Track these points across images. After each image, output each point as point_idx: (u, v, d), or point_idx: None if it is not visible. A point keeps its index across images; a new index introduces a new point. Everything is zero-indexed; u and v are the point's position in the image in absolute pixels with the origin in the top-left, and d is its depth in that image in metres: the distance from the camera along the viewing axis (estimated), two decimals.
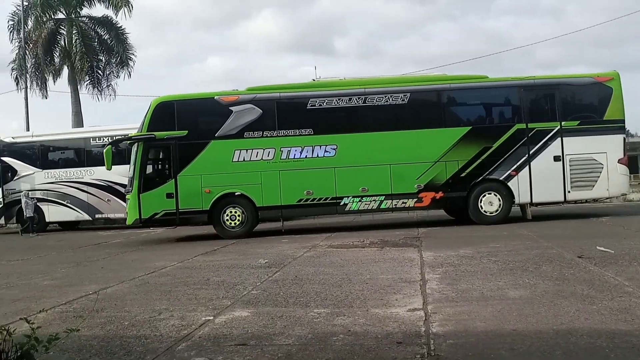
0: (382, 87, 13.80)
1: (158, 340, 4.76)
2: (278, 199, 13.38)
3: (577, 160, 13.32)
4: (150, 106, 13.63)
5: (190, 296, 6.54)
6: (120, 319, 5.54)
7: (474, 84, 14.09)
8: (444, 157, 13.30)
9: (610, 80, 13.51)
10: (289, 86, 14.38)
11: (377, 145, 13.44)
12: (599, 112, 13.58)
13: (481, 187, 13.41)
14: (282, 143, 13.39)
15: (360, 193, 13.30)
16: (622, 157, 13.36)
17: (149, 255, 11.26)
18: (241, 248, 11.38)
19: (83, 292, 7.14)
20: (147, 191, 13.37)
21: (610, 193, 13.71)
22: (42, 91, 31.01)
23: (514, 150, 13.35)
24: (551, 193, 13.46)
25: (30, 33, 30.47)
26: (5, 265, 10.94)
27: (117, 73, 31.68)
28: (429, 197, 13.34)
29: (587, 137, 13.33)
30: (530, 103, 13.84)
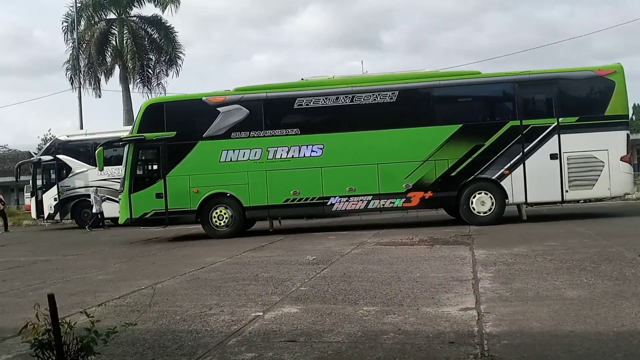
0: (370, 85, 13.58)
1: (209, 335, 4.80)
2: (265, 199, 13.40)
3: (575, 158, 12.78)
4: (141, 108, 14.07)
5: (239, 292, 6.58)
6: (172, 313, 5.62)
7: (465, 81, 13.76)
8: (433, 156, 13.03)
9: (612, 74, 12.86)
10: (277, 86, 14.29)
11: (365, 145, 13.30)
12: (600, 107, 12.93)
13: (472, 186, 13.08)
14: (269, 143, 13.37)
15: (347, 193, 13.19)
16: (625, 155, 12.71)
17: (198, 250, 11.43)
18: (288, 244, 11.42)
19: (136, 287, 7.30)
20: (138, 191, 13.61)
21: (612, 192, 12.96)
22: (95, 90, 32.06)
23: (507, 148, 12.94)
24: (547, 192, 12.95)
25: (83, 34, 31.44)
26: (61, 260, 11.32)
27: (166, 71, 32.45)
28: (417, 197, 13.13)
29: (586, 134, 12.79)
30: (525, 99, 13.34)
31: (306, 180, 13.24)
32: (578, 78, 13.25)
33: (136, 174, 13.79)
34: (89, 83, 31.84)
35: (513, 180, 12.88)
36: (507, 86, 13.48)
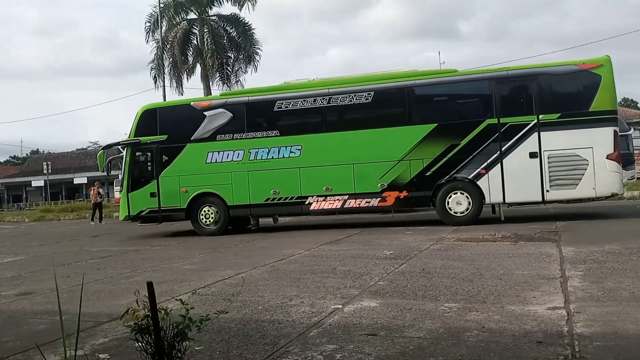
0: (347, 86, 13.66)
1: (290, 325, 4.88)
2: (247, 198, 13.92)
3: (557, 157, 12.24)
4: (137, 113, 14.79)
5: (318, 284, 6.65)
6: (255, 303, 5.76)
7: (440, 79, 13.52)
8: (408, 156, 13.00)
9: (598, 67, 12.15)
10: (259, 90, 14.76)
11: (341, 145, 13.44)
12: (584, 103, 12.27)
13: (448, 186, 12.93)
14: (250, 145, 13.85)
15: (324, 192, 13.42)
16: (611, 152, 11.96)
17: (277, 243, 11.64)
18: (365, 239, 11.40)
19: (219, 277, 7.53)
20: (134, 190, 14.54)
21: (597, 192, 12.17)
22: (177, 89, 33.17)
23: (484, 147, 12.64)
24: (527, 192, 12.47)
25: (166, 34, 32.63)
26: (149, 250, 11.86)
27: (244, 68, 33.05)
28: (392, 197, 13.15)
29: (569, 131, 12.17)
30: (503, 96, 12.88)
31: (285, 180, 13.64)
32: (560, 73, 12.58)
33: (133, 174, 14.72)
34: (172, 82, 33.06)
35: (490, 180, 12.61)
36: (484, 84, 13.10)
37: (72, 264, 10.00)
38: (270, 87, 14.70)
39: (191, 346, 3.65)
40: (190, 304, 3.41)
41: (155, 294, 3.11)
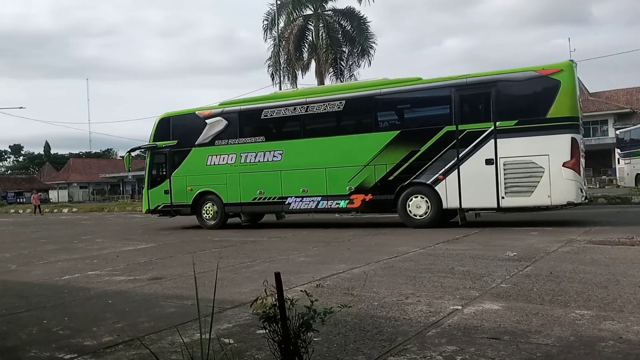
0: (322, 96, 14.72)
1: (407, 323, 4.79)
2: (239, 197, 15.52)
3: (512, 164, 12.22)
4: (155, 121, 16.91)
5: (435, 283, 6.48)
6: (370, 299, 5.73)
7: (404, 88, 13.92)
8: (373, 161, 13.66)
9: (557, 73, 11.97)
10: (252, 99, 16.33)
11: (316, 150, 14.44)
12: (542, 109, 12.10)
13: (408, 190, 13.43)
14: (241, 149, 15.42)
15: (301, 194, 14.56)
16: (568, 160, 11.81)
17: (390, 239, 11.55)
18: (485, 238, 10.97)
19: (334, 271, 7.60)
20: (153, 188, 16.84)
21: (552, 201, 11.98)
22: (292, 85, 33.96)
23: (442, 153, 12.95)
24: (482, 199, 12.62)
25: (282, 31, 33.49)
26: (266, 241, 12.25)
27: (358, 62, 33.11)
28: (359, 199, 13.91)
29: (525, 138, 12.12)
30: (462, 103, 13.02)
31: (269, 182, 14.96)
32: (518, 79, 12.52)
33: (152, 174, 16.99)
34: (287, 78, 33.89)
35: (447, 186, 12.91)
36: (445, 91, 13.26)
37: (197, 252, 10.57)
38: (261, 96, 16.33)
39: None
40: (314, 296, 3.47)
41: (270, 284, 3.17)
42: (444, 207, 13.09)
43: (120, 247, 12.18)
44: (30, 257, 11.09)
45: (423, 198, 13.31)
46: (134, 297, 6.52)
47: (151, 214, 17.32)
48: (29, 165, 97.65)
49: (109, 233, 16.50)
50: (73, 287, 7.36)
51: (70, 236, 15.93)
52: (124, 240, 13.95)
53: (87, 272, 8.63)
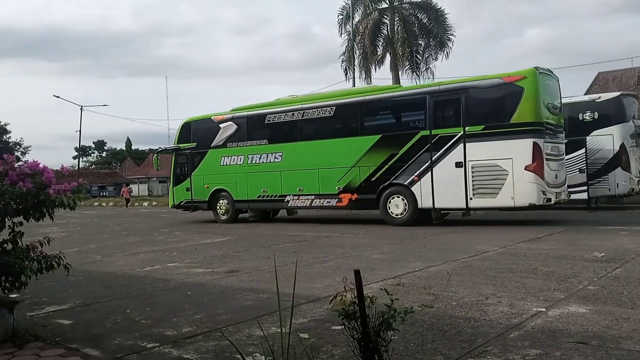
0: (316, 102, 15.81)
1: (487, 325, 4.62)
2: (246, 194, 16.89)
3: (479, 167, 12.82)
4: (179, 126, 18.81)
5: (517, 284, 6.22)
6: (448, 298, 5.57)
7: (385, 95, 15.00)
8: (359, 163, 14.59)
9: (521, 80, 12.49)
10: (259, 105, 17.35)
11: (310, 153, 15.52)
12: (507, 114, 12.63)
13: (389, 190, 14.24)
14: (248, 151, 16.76)
15: (298, 192, 15.74)
16: (530, 164, 12.27)
17: (468, 237, 11.23)
18: (570, 238, 10.46)
19: (410, 269, 7.46)
20: (177, 185, 18.61)
21: (515, 202, 12.50)
22: (366, 80, 33.72)
23: (417, 156, 13.69)
24: (453, 200, 13.25)
25: (357, 25, 33.30)
26: (340, 237, 12.22)
27: (435, 55, 32.43)
28: (346, 198, 14.91)
29: (491, 142, 12.70)
30: (436, 109, 13.70)
31: (271, 181, 16.22)
32: (485, 86, 13.11)
33: (176, 173, 18.70)
34: (361, 73, 33.69)
35: (422, 187, 13.64)
36: (420, 98, 13.97)
37: (270, 247, 10.70)
38: (267, 103, 17.36)
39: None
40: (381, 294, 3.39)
41: (349, 280, 3.11)
42: (419, 206, 13.82)
43: (198, 240, 12.53)
44: (113, 248, 11.61)
45: (401, 198, 14.12)
46: (212, 289, 6.66)
47: (176, 208, 19.19)
48: (112, 160, 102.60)
49: (186, 226, 17.02)
50: (154, 278, 7.62)
51: (150, 229, 16.57)
52: (201, 233, 14.34)
53: (166, 264, 8.92)
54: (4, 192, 4.55)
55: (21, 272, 4.51)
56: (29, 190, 4.61)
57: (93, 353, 4.24)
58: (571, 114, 17.25)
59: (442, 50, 32.21)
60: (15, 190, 4.57)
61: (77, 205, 4.87)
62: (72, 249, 10.55)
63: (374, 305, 3.02)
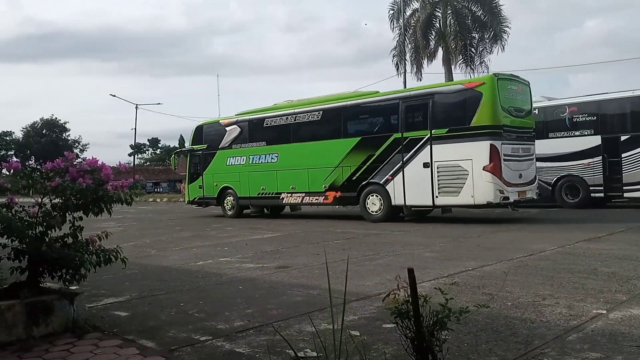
0: (306, 107, 17.00)
1: (544, 326, 4.48)
2: (248, 192, 18.28)
3: (444, 167, 13.65)
4: (193, 130, 20.70)
5: (576, 285, 6.01)
6: (503, 298, 5.43)
7: (364, 100, 16.05)
8: (342, 163, 15.73)
9: (480, 86, 13.36)
10: (260, 110, 18.82)
11: (301, 154, 16.68)
12: (467, 118, 13.41)
13: (367, 189, 15.31)
14: (250, 152, 18.17)
15: (291, 190, 16.99)
16: (487, 164, 13.04)
17: (523, 236, 10.93)
18: (633, 237, 10.04)
19: (463, 267, 7.32)
20: (191, 183, 20.34)
21: (475, 200, 13.32)
22: (417, 74, 33.26)
23: (391, 157, 14.69)
24: (421, 197, 14.15)
25: (409, 19, 32.88)
26: (389, 234, 12.12)
27: (489, 48, 31.65)
28: (331, 196, 16.09)
29: (454, 144, 13.49)
30: (407, 114, 14.61)
31: (268, 180, 17.56)
32: (449, 92, 14.17)
33: (190, 172, 20.38)
34: (412, 67, 33.25)
35: (395, 185, 14.63)
36: (394, 103, 14.96)
37: (320, 243, 10.71)
38: (266, 107, 18.81)
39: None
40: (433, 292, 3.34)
41: (402, 279, 3.06)
42: (393, 204, 14.79)
43: (249, 236, 12.69)
44: (167, 243, 11.89)
45: (377, 196, 15.15)
46: (263, 284, 6.72)
47: (190, 204, 20.93)
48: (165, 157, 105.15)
49: (237, 222, 17.26)
50: (206, 272, 7.76)
51: (203, 224, 16.88)
52: (252, 229, 14.52)
53: (218, 259, 9.07)
54: (65, 188, 4.72)
55: (81, 265, 4.66)
56: (88, 186, 4.76)
57: (149, 345, 4.34)
58: (633, 109, 16.60)
59: (497, 44, 31.39)
60: (75, 186, 4.73)
61: (134, 201, 5.01)
62: (128, 243, 10.85)
63: (428, 305, 2.96)
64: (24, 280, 4.78)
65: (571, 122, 17.69)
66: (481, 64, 31.74)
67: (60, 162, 4.89)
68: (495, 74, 13.65)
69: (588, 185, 17.28)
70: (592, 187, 17.24)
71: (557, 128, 17.84)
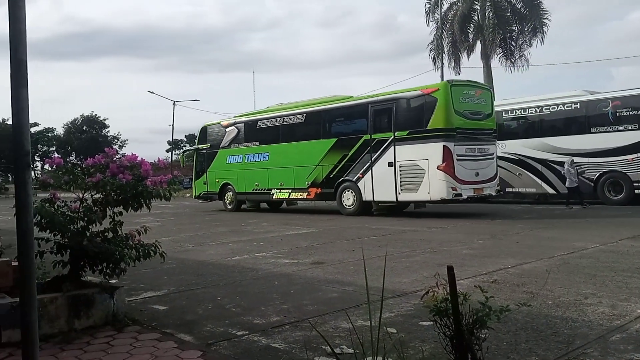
0: (292, 110, 18.56)
1: (586, 326, 4.37)
2: (244, 188, 19.81)
3: (405, 166, 14.88)
4: (199, 130, 22.38)
5: (619, 284, 5.84)
6: (543, 297, 5.31)
7: (339, 105, 17.41)
8: (321, 162, 17.14)
9: (435, 92, 14.46)
10: (255, 112, 20.98)
11: (288, 153, 18.12)
12: (424, 121, 14.60)
13: (343, 185, 16.69)
14: (246, 151, 19.72)
15: (279, 187, 18.49)
16: (440, 164, 14.13)
17: (565, 233, 10.66)
18: None
19: (502, 265, 7.19)
20: (197, 180, 21.97)
21: (431, 197, 14.51)
22: (455, 68, 32.81)
23: (362, 157, 16.02)
24: (387, 194, 15.41)
25: (446, 13, 32.45)
26: (427, 231, 11.98)
27: (529, 41, 30.98)
28: (313, 192, 17.49)
29: (413, 145, 14.73)
30: (375, 117, 15.89)
31: (261, 177, 19.08)
32: (409, 97, 15.29)
33: (196, 169, 22.06)
34: (450, 61, 32.82)
35: (365, 183, 15.98)
36: (364, 107, 16.30)
37: (355, 239, 10.68)
38: (260, 110, 20.99)
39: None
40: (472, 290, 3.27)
41: (440, 277, 3.02)
42: (363, 199, 16.13)
43: (284, 231, 12.74)
44: (204, 237, 12.04)
45: (350, 192, 16.51)
46: (298, 280, 6.74)
47: (197, 199, 22.66)
48: None
49: (272, 217, 17.36)
50: (243, 267, 7.82)
51: (239, 219, 17.03)
52: (287, 224, 14.57)
53: (254, 254, 9.13)
54: (106, 183, 4.81)
55: (121, 259, 4.75)
56: (128, 182, 4.84)
57: (186, 338, 4.40)
58: None
59: (537, 36, 30.69)
60: (115, 182, 4.82)
61: (172, 197, 5.08)
62: (166, 238, 11.03)
63: (467, 303, 2.91)
64: (66, 273, 4.91)
65: (614, 116, 17.17)
66: (521, 58, 31.13)
67: (101, 158, 4.98)
68: (449, 81, 15.06)
69: (632, 181, 16.77)
70: (636, 183, 16.72)
71: (600, 123, 17.35)
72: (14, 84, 2.74)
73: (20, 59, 2.75)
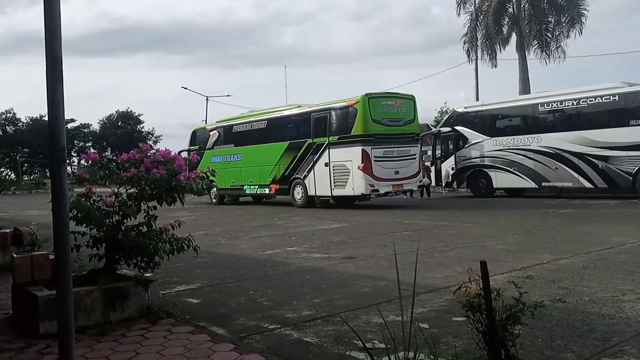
0: (258, 117, 21.56)
1: (624, 322, 4.27)
2: (224, 184, 22.09)
3: (336, 166, 17.58)
4: (190, 133, 24.95)
5: None
6: (579, 293, 5.20)
7: (289, 113, 20.44)
8: (278, 162, 19.77)
9: (356, 103, 17.10)
10: (232, 118, 23.48)
11: (255, 154, 20.82)
12: (349, 129, 17.26)
13: (294, 182, 19.25)
14: (225, 152, 22.46)
15: (249, 183, 21.16)
16: (360, 165, 16.76)
17: (603, 228, 10.41)
18: None
19: (537, 260, 7.06)
20: None
21: (354, 192, 17.25)
22: (490, 61, 32.18)
23: (307, 158, 18.62)
24: (325, 189, 18.12)
25: (480, 5, 31.86)
26: (460, 226, 11.84)
27: (566, 33, 30.17)
28: (274, 188, 20.19)
29: (342, 149, 17.42)
30: (316, 124, 18.46)
31: (236, 175, 21.56)
32: (339, 108, 17.77)
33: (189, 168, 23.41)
34: (484, 54, 32.24)
35: (309, 180, 18.60)
36: (307, 115, 19.02)
37: (387, 234, 10.62)
38: (236, 116, 23.39)
39: None
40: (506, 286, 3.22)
41: (474, 272, 2.97)
42: (309, 194, 18.77)
43: (315, 226, 12.76)
44: (237, 232, 12.15)
45: (300, 187, 19.02)
46: (329, 274, 6.74)
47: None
48: None
49: (304, 212, 17.42)
50: (274, 261, 7.86)
51: (271, 213, 17.15)
52: (318, 219, 14.59)
53: (286, 248, 9.18)
54: (140, 178, 4.89)
55: (155, 253, 4.82)
56: (162, 176, 4.91)
57: (219, 332, 4.45)
58: None
59: (574, 27, 29.86)
60: (150, 176, 4.89)
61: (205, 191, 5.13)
62: (199, 232, 11.16)
63: (501, 298, 2.86)
64: (102, 267, 5.01)
65: None
66: (557, 49, 30.34)
67: (135, 153, 5.07)
68: (367, 94, 17.11)
69: None
70: None
71: (639, 115, 16.84)
72: (50, 81, 2.80)
73: (55, 55, 2.80)
